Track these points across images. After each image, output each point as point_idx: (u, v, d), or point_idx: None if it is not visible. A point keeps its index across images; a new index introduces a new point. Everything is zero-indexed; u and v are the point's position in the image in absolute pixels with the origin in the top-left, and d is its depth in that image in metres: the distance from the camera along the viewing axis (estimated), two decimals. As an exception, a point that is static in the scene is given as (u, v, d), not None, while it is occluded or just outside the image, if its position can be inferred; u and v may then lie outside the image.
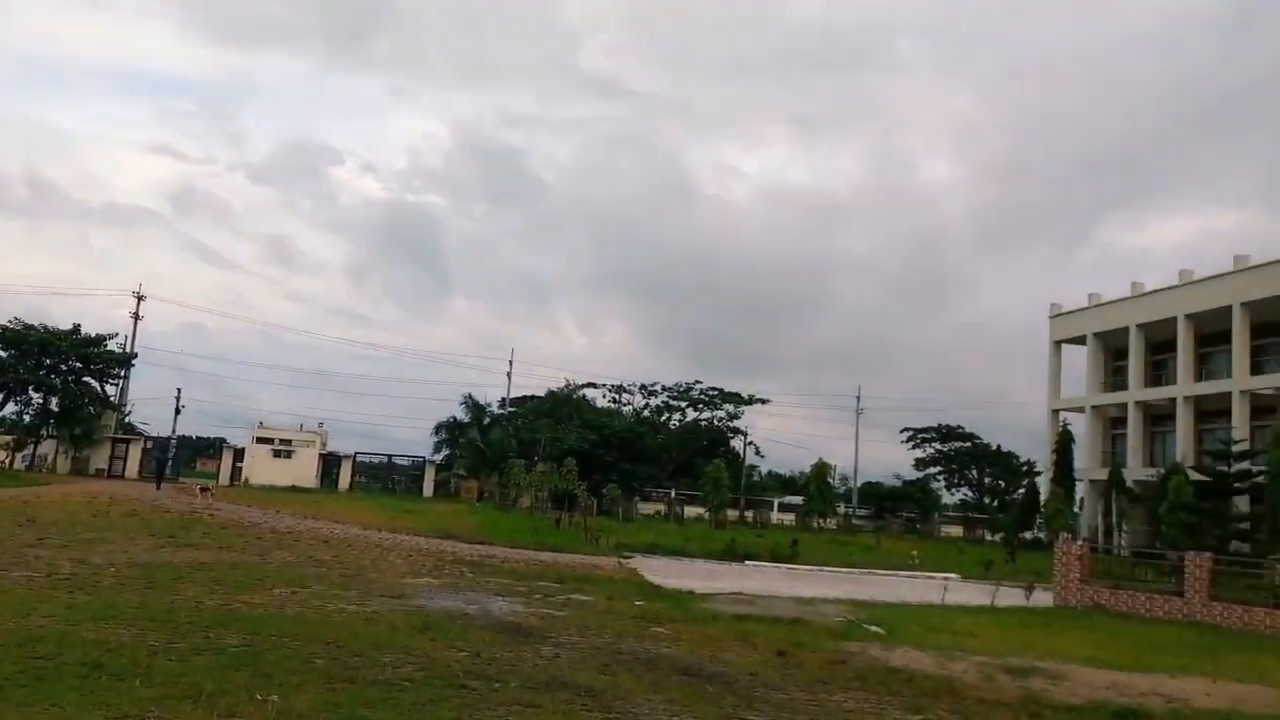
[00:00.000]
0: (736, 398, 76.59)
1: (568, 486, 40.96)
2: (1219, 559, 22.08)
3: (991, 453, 75.81)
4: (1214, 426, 40.04)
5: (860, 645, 13.01)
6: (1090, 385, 47.65)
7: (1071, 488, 45.36)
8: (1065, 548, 23.13)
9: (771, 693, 9.53)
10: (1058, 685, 11.07)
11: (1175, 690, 11.29)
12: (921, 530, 59.23)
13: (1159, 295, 43.70)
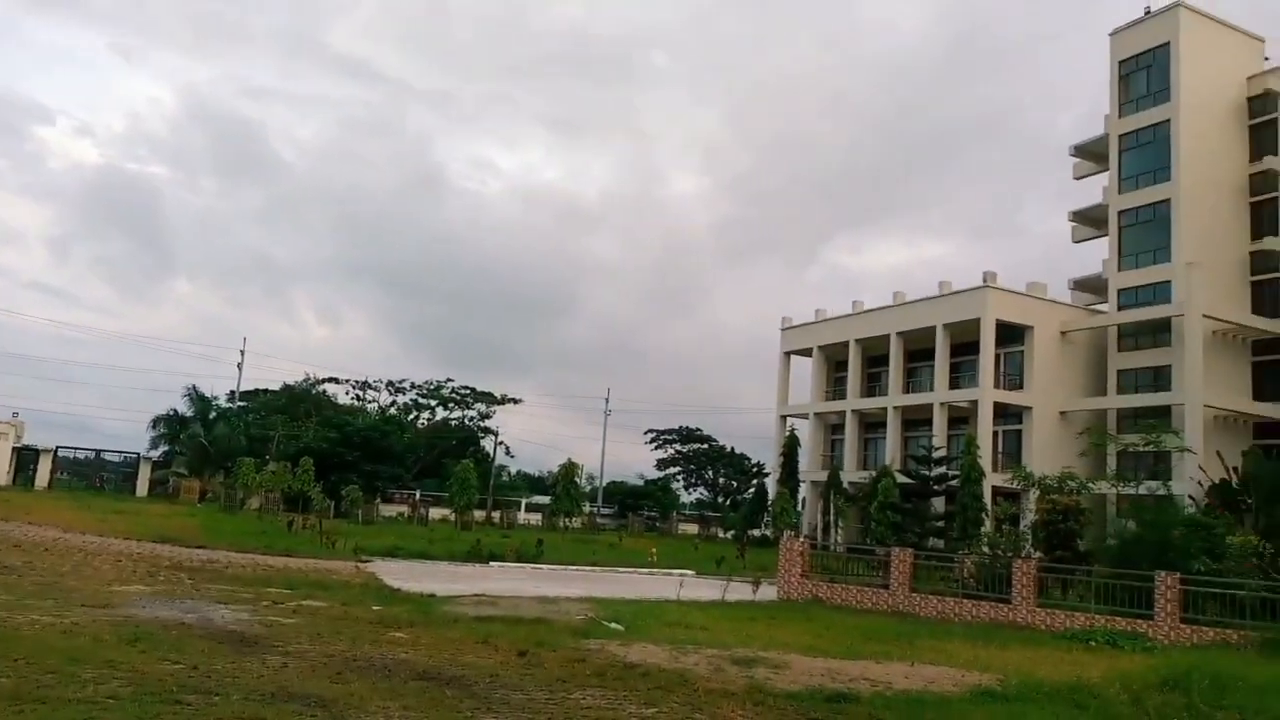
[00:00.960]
0: (489, 397, 76.11)
1: (302, 487, 38.85)
2: (919, 554, 24.54)
3: (726, 455, 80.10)
4: (918, 434, 44.51)
5: (600, 643, 13.28)
6: (815, 394, 51.51)
7: (796, 488, 48.82)
8: (788, 544, 24.79)
9: (511, 694, 9.50)
10: (779, 674, 11.83)
11: (880, 674, 12.40)
12: (661, 528, 61.48)
13: (875, 314, 48.00)
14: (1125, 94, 42.79)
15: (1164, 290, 39.37)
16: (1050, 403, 41.07)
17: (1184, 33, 40.53)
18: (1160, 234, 40.12)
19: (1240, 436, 37.82)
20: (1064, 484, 28.48)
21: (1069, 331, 42.23)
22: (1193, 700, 11.14)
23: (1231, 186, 40.68)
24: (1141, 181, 41.40)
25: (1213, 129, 40.64)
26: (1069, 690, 11.50)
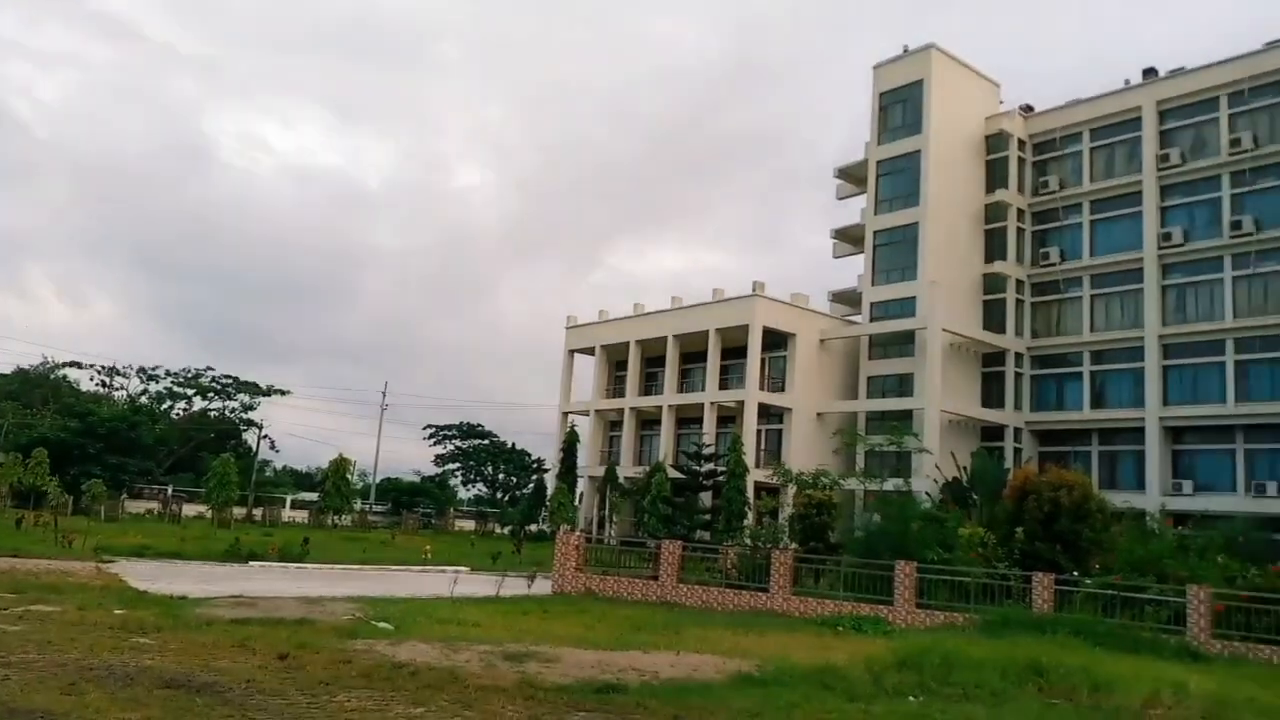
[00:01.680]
0: (253, 388, 71.68)
1: (35, 480, 35.13)
2: (687, 546, 25.52)
3: (507, 451, 79.77)
4: (690, 431, 46.23)
5: (368, 643, 12.90)
6: (596, 391, 52.34)
7: (575, 484, 49.40)
8: (564, 538, 25.08)
9: (270, 699, 9.07)
10: (551, 667, 11.97)
11: (648, 664, 12.81)
12: (437, 525, 60.32)
13: (654, 317, 49.42)
14: (884, 124, 46.40)
15: (910, 305, 43.05)
16: (809, 405, 43.89)
17: (935, 72, 44.50)
18: (909, 254, 43.84)
19: (970, 438, 42.03)
20: (818, 480, 30.49)
21: (827, 340, 45.31)
22: (924, 678, 12.29)
23: (970, 214, 45.11)
24: (894, 205, 45.07)
25: (956, 161, 44.89)
26: (818, 673, 12.36)
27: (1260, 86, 38.34)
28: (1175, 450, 39.17)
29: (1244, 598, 18.68)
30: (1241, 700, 11.88)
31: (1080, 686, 12.06)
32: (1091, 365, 42.06)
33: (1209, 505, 34.61)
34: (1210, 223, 39.22)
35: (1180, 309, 39.81)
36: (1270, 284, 37.24)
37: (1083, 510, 22.28)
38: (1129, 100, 42.35)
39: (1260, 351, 37.03)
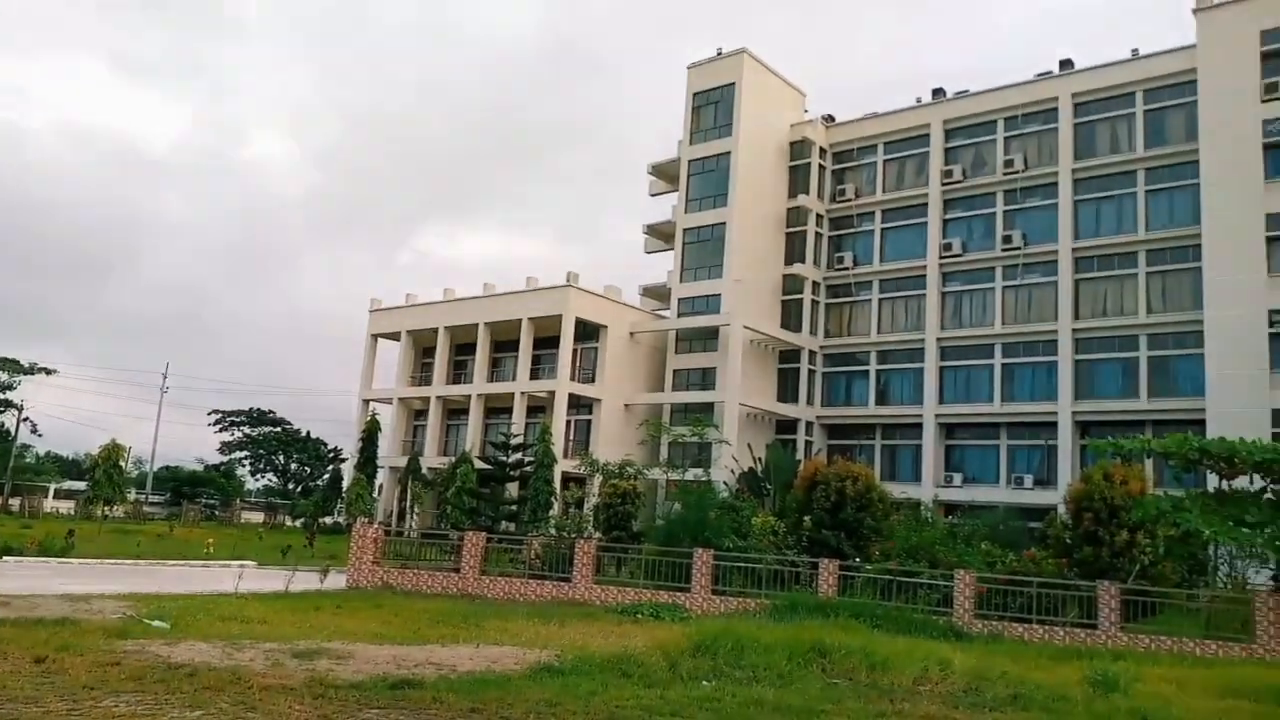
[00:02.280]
0: (12, 365, 65.02)
1: None
2: (491, 537, 25.29)
3: (301, 439, 76.28)
4: (499, 421, 45.85)
5: (139, 643, 11.99)
6: (400, 379, 50.93)
7: (374, 474, 47.89)
8: (361, 531, 24.26)
9: (23, 708, 8.25)
10: (343, 664, 11.54)
11: (446, 657, 12.59)
12: (221, 517, 56.95)
13: (466, 303, 48.61)
14: (696, 123, 47.65)
15: (716, 302, 44.49)
16: (617, 396, 44.54)
17: (746, 76, 46.11)
18: (716, 252, 45.27)
19: (766, 431, 43.97)
20: (624, 470, 31.00)
21: (637, 333, 46.12)
22: (718, 662, 12.72)
23: (773, 217, 47.10)
24: (704, 204, 46.39)
25: (763, 165, 46.73)
26: (617, 660, 12.54)
27: (1031, 114, 42.12)
28: (948, 445, 42.50)
29: (1002, 581, 20.53)
30: (997, 674, 13.01)
31: (859, 666, 12.85)
32: (878, 364, 44.94)
33: (976, 496, 37.75)
34: (985, 236, 42.74)
35: (956, 314, 43.17)
36: (1034, 294, 41.01)
37: (865, 500, 23.79)
38: (919, 117, 45.46)
39: (1023, 356, 40.75)
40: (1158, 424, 35.73)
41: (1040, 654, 16.80)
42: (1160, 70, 38.64)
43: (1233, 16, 35.59)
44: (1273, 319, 32.79)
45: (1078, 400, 38.64)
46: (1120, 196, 39.39)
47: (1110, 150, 40.00)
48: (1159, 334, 37.44)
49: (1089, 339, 39.14)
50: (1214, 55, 35.73)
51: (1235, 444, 20.86)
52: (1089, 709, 11.38)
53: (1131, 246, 38.61)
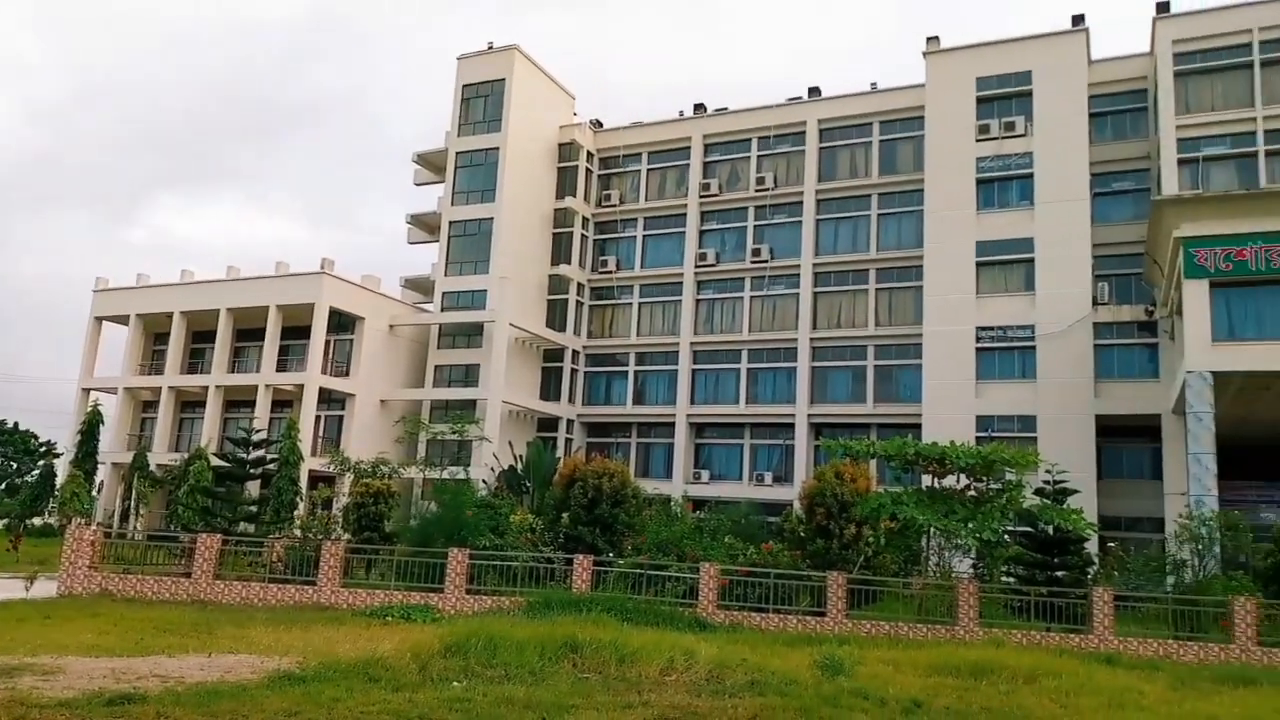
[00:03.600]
0: None
1: None
2: (228, 539, 23.66)
3: (7, 431, 68.01)
4: (240, 415, 42.96)
5: None
6: (128, 366, 46.58)
7: (94, 470, 43.49)
8: (77, 533, 21.97)
9: None
10: (50, 680, 10.42)
11: (173, 669, 11.66)
12: (-100, 519, 49.56)
13: (206, 286, 45.20)
14: (466, 116, 46.97)
15: (481, 297, 44.06)
16: (374, 391, 43.04)
17: (517, 74, 46.02)
18: (482, 248, 44.85)
19: (528, 429, 44.08)
20: (377, 468, 30.02)
21: (397, 326, 44.79)
22: (470, 662, 12.62)
23: (541, 216, 47.31)
24: (471, 198, 45.82)
25: (532, 164, 46.81)
26: (363, 665, 12.15)
27: (782, 135, 44.93)
28: (698, 443, 44.49)
29: (743, 572, 21.74)
30: (737, 661, 13.79)
31: (610, 659, 13.18)
32: (636, 365, 46.28)
33: (722, 492, 39.74)
34: (737, 248, 45.11)
35: (709, 320, 45.28)
36: (778, 304, 43.76)
37: (621, 496, 24.41)
38: (681, 130, 47.26)
39: (766, 361, 43.39)
40: (882, 426, 39.25)
41: (776, 641, 17.95)
42: (895, 104, 42.40)
43: (955, 62, 39.70)
44: (980, 335, 36.86)
45: (813, 404, 41.64)
46: (856, 218, 42.88)
47: (849, 174, 43.43)
48: (885, 345, 41.08)
49: (825, 347, 42.30)
50: (940, 95, 39.68)
51: (945, 448, 23.33)
52: (817, 691, 12.30)
53: (864, 264, 42.10)
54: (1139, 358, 35.54)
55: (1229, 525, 24.40)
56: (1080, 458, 32.44)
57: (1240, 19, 34.83)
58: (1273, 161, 33.70)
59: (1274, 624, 19.89)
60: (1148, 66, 37.28)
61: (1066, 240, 35.95)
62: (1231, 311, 27.18)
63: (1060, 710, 12.39)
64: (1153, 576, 23.49)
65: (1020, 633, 19.80)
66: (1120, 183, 37.95)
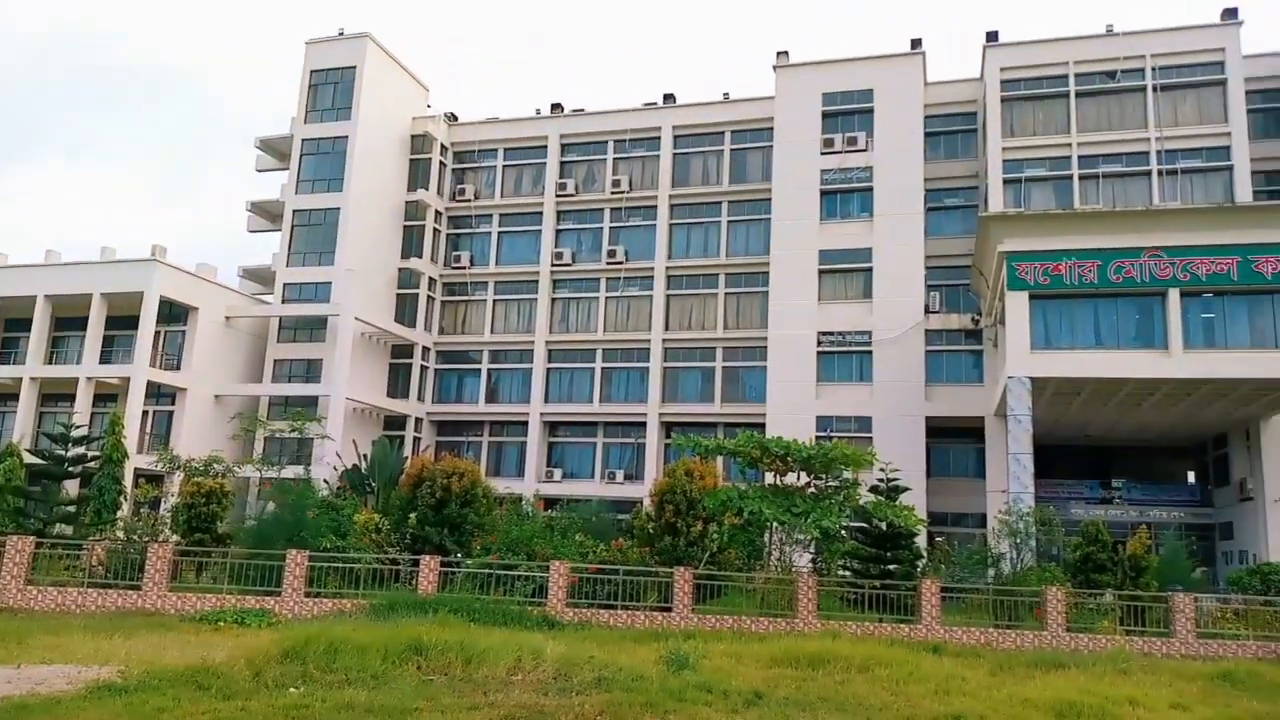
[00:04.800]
0: None
1: None
2: (42, 542, 22.02)
3: None
4: (58, 410, 39.98)
5: None
6: (-75, 355, 42.54)
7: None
8: None
9: None
10: None
11: (-26, 683, 10.75)
12: None
13: (21, 271, 41.90)
14: (313, 102, 45.28)
15: (326, 290, 42.54)
16: (207, 386, 40.87)
17: (369, 62, 44.70)
18: (328, 238, 43.32)
19: (374, 427, 42.88)
20: (210, 467, 28.57)
21: (234, 318, 42.69)
22: (308, 667, 12.19)
23: (392, 208, 46.10)
24: (317, 187, 44.20)
25: (382, 155, 45.56)
26: (192, 673, 11.56)
27: (638, 139, 45.42)
28: (551, 442, 44.43)
29: (593, 570, 21.88)
30: (584, 659, 13.86)
31: (456, 661, 13.01)
32: (489, 363, 45.78)
33: (574, 490, 39.80)
34: (593, 248, 45.32)
35: (564, 319, 45.30)
36: (632, 305, 44.23)
37: (470, 495, 24.09)
38: (538, 128, 47.06)
39: (620, 361, 43.79)
40: (728, 426, 40.28)
41: (624, 637, 18.15)
42: (746, 115, 43.61)
43: (803, 77, 41.19)
44: (821, 340, 38.37)
45: (665, 403, 42.32)
46: (708, 224, 43.85)
47: (702, 181, 44.37)
48: (732, 347, 42.19)
49: (676, 348, 43.06)
50: (788, 108, 41.07)
51: (789, 444, 24.16)
52: (663, 685, 12.52)
53: (714, 269, 43.11)
54: (965, 363, 37.85)
55: (1043, 520, 26.30)
56: (911, 457, 34.23)
57: (1059, 52, 37.62)
58: (1085, 185, 36.57)
59: (1081, 611, 21.58)
60: (978, 91, 39.77)
61: (902, 252, 37.90)
62: (1048, 322, 29.32)
63: (891, 698, 13.06)
64: (975, 569, 25.06)
65: (855, 624, 20.74)
66: (952, 199, 40.29)
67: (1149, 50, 36.58)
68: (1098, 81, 37.24)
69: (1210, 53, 36.05)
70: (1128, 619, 21.23)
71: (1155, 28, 37.39)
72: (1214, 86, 35.85)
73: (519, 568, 21.87)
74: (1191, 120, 36.03)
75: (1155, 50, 36.52)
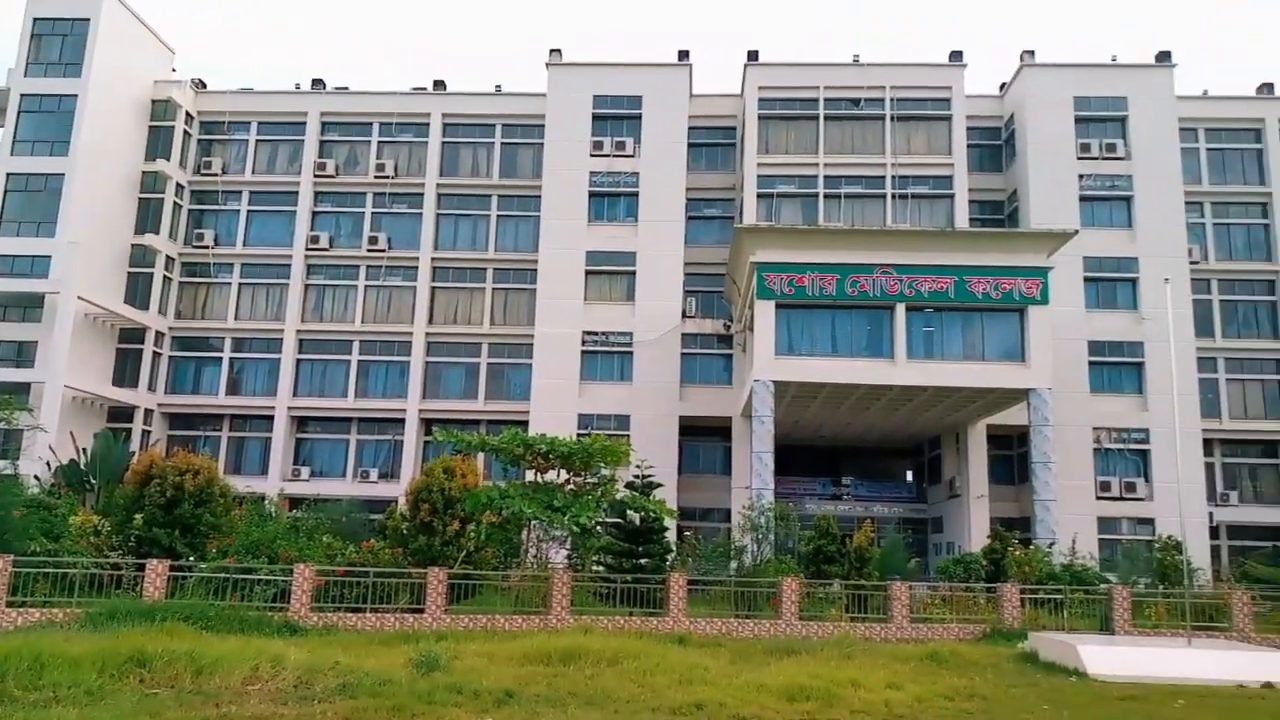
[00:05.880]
0: None
1: None
2: None
3: None
4: None
5: None
6: None
7: None
8: None
9: None
10: None
11: None
12: None
13: None
14: (36, 53, 40.44)
15: (43, 264, 38.11)
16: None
17: (105, 16, 40.44)
18: (48, 207, 38.84)
19: (96, 418, 38.90)
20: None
21: (-73, 290, 37.38)
22: (8, 685, 10.94)
23: (125, 178, 41.99)
24: (38, 149, 39.52)
25: (117, 119, 41.40)
26: None
27: (405, 124, 44.08)
28: (299, 438, 42.24)
29: (341, 573, 21.06)
30: (329, 665, 13.32)
31: (184, 672, 12.12)
32: (232, 352, 42.80)
33: (323, 489, 38.07)
34: (353, 234, 43.49)
35: (319, 308, 43.16)
36: (394, 296, 42.89)
37: (206, 494, 22.47)
38: (297, 104, 44.53)
39: (379, 354, 42.34)
40: (491, 423, 40.05)
41: (373, 641, 17.62)
42: (518, 109, 43.47)
43: (575, 77, 41.59)
44: (585, 339, 38.95)
45: (425, 399, 41.37)
46: (476, 216, 43.32)
47: (471, 173, 43.77)
48: (498, 344, 41.95)
49: (440, 343, 42.21)
50: (560, 107, 41.32)
51: (552, 440, 24.39)
52: (412, 688, 12.27)
53: (482, 263, 42.68)
54: (717, 366, 39.74)
55: (782, 516, 28.13)
56: (665, 454, 35.49)
57: (812, 76, 40.32)
58: (830, 203, 39.41)
59: (813, 600, 23.25)
60: (738, 107, 41.87)
61: (663, 257, 39.20)
62: (792, 329, 31.39)
63: (638, 690, 13.49)
64: (720, 562, 26.41)
65: (607, 618, 21.24)
66: (710, 209, 42.17)
67: (889, 82, 39.96)
68: (844, 107, 40.23)
69: (939, 89, 39.90)
70: (853, 606, 23.10)
71: (895, 62, 40.94)
72: (941, 121, 39.71)
73: (259, 571, 20.67)
74: (922, 150, 39.72)
75: (894, 83, 39.95)
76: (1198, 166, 40.93)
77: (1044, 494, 30.36)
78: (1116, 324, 37.29)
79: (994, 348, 30.99)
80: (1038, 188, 38.67)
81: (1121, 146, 38.68)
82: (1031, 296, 30.77)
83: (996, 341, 31.04)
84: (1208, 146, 41.35)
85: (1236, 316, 40.17)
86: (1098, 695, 14.99)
